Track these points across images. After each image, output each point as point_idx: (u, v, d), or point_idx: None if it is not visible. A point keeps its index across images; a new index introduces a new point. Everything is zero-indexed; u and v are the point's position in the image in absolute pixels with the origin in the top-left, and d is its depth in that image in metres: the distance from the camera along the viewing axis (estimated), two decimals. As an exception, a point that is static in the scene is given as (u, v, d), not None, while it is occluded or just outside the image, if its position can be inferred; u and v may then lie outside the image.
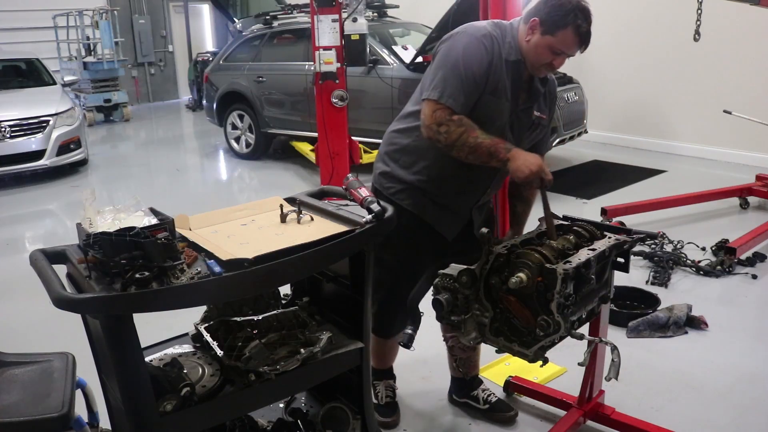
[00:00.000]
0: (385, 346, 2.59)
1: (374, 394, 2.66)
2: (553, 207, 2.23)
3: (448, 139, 2.05)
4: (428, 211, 2.28)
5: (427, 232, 2.30)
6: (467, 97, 2.06)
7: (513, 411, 2.65)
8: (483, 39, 2.07)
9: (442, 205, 2.27)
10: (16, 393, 1.94)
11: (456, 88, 2.04)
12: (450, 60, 2.07)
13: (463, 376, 2.70)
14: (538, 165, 2.00)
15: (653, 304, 3.52)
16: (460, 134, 2.04)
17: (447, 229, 2.31)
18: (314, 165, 6.38)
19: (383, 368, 2.72)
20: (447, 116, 2.05)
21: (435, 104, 2.06)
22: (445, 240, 2.32)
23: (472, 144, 2.03)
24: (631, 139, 7.68)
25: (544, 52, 2.06)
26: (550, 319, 1.81)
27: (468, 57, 2.05)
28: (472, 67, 2.04)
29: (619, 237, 2.10)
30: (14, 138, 6.89)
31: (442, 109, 2.05)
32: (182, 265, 1.64)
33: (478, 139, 2.03)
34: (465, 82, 2.04)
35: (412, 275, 2.25)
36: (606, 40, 7.77)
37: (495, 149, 2.03)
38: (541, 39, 2.04)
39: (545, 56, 2.06)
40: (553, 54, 2.06)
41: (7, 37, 10.80)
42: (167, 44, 14.00)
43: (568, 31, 2.01)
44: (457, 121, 2.04)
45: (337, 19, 5.45)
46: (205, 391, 1.79)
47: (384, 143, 2.37)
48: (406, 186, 2.27)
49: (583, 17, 2.02)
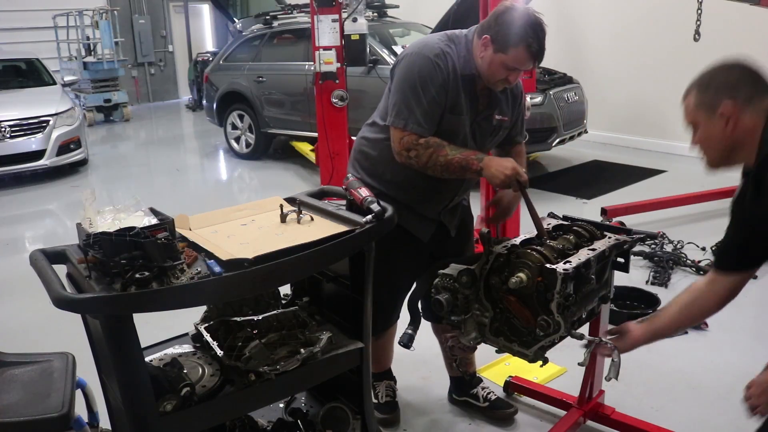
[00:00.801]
0: (377, 346, 2.58)
1: (374, 394, 2.67)
2: (554, 207, 2.23)
3: (419, 162, 2.11)
4: (399, 214, 2.28)
5: (400, 234, 2.28)
6: (431, 119, 2.09)
7: (512, 408, 2.66)
8: (436, 59, 2.08)
9: (411, 209, 2.29)
10: (16, 393, 1.94)
11: (418, 113, 2.08)
12: (408, 84, 2.09)
13: (462, 374, 2.71)
14: (512, 168, 2.02)
15: (653, 304, 3.52)
16: (429, 156, 2.08)
17: (419, 231, 2.32)
18: (314, 165, 6.38)
19: (381, 371, 2.73)
20: (414, 141, 2.09)
21: (401, 132, 2.11)
22: (419, 242, 2.33)
23: (443, 162, 2.08)
24: (631, 139, 7.68)
25: (498, 68, 2.05)
26: (550, 319, 1.81)
27: (424, 80, 2.07)
28: (430, 90, 2.07)
29: (619, 237, 2.10)
30: (14, 138, 6.89)
31: (408, 135, 2.10)
32: (182, 265, 1.64)
33: (448, 156, 2.07)
34: (426, 106, 2.07)
35: (387, 276, 2.24)
36: (606, 40, 7.80)
37: (467, 162, 2.07)
38: (494, 56, 2.04)
39: (500, 73, 2.06)
40: (507, 70, 2.05)
41: (7, 37, 10.80)
42: (167, 44, 14.00)
43: (520, 49, 2.00)
44: (424, 144, 2.09)
45: (337, 19, 5.44)
46: (205, 391, 1.79)
47: (354, 148, 2.40)
48: (375, 192, 2.27)
49: (534, 35, 1.99)
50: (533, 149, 6.19)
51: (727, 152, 1.69)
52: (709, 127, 1.68)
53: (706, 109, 1.67)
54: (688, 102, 1.73)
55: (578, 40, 7.94)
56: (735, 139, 1.65)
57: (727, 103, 1.62)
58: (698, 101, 1.69)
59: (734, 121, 1.64)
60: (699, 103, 1.69)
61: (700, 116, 1.69)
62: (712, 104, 1.66)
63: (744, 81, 1.65)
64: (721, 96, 1.64)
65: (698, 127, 1.71)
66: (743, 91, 1.63)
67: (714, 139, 1.68)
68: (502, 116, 2.25)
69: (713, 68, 1.72)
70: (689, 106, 1.73)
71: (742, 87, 1.64)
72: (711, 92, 1.67)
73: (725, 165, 1.76)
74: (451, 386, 2.79)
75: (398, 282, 2.36)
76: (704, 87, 1.69)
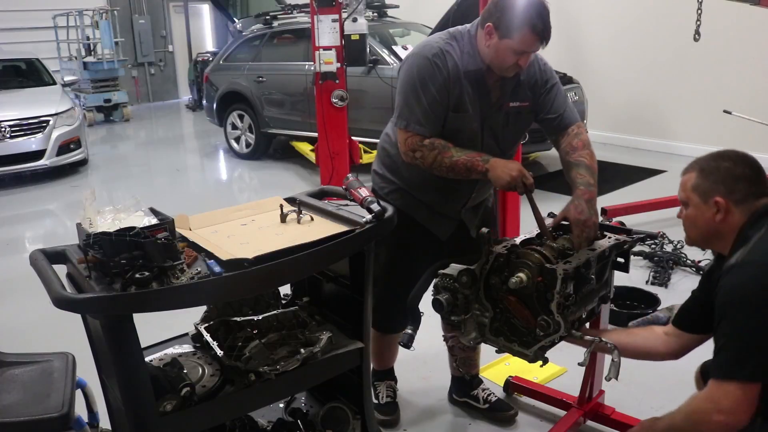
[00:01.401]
0: (383, 343, 2.59)
1: (375, 394, 2.67)
2: (553, 207, 2.23)
3: (425, 163, 2.12)
4: (419, 212, 2.31)
5: (420, 232, 2.32)
6: (433, 119, 2.09)
7: (513, 410, 2.66)
8: (434, 59, 2.07)
9: (430, 207, 2.30)
10: (16, 393, 1.94)
11: (420, 114, 2.08)
12: (409, 85, 2.10)
13: (463, 375, 2.70)
14: (517, 170, 2.02)
15: (653, 304, 3.52)
16: (434, 157, 2.09)
17: (438, 229, 2.33)
18: (314, 165, 6.38)
19: (383, 369, 2.72)
20: (418, 142, 2.10)
21: (405, 132, 2.12)
22: (439, 240, 2.33)
23: (447, 164, 2.09)
24: (631, 139, 7.68)
25: (505, 55, 2.02)
26: (550, 319, 1.81)
27: (423, 80, 2.07)
28: (430, 90, 2.07)
29: (619, 237, 2.10)
30: (14, 138, 6.89)
31: (412, 136, 2.10)
32: (182, 265, 1.64)
33: (453, 158, 2.08)
34: (427, 107, 2.07)
35: (407, 273, 2.27)
36: (606, 40, 7.80)
37: (472, 164, 2.07)
38: (500, 43, 2.01)
39: (508, 59, 2.03)
40: (516, 55, 2.02)
41: (7, 37, 10.79)
42: (167, 44, 14.00)
43: (525, 31, 1.96)
44: (428, 146, 2.09)
45: (337, 19, 5.45)
46: (205, 391, 1.79)
47: (379, 144, 2.41)
48: (397, 187, 2.32)
49: (537, 15, 1.96)
50: (533, 149, 6.20)
51: (708, 237, 1.76)
52: (699, 211, 1.73)
53: (700, 194, 1.72)
54: (686, 180, 1.77)
55: (578, 40, 7.94)
56: (719, 229, 1.71)
57: (722, 197, 1.68)
58: (696, 184, 1.73)
59: (724, 213, 1.69)
60: (696, 186, 1.73)
61: (693, 198, 1.74)
62: (707, 192, 1.71)
63: (744, 179, 1.69)
64: (719, 188, 1.69)
65: (688, 206, 1.76)
66: (740, 190, 1.68)
67: (700, 222, 1.74)
68: (521, 102, 2.19)
69: (719, 156, 1.74)
70: (686, 185, 1.77)
71: (741, 185, 1.68)
72: (710, 180, 1.71)
73: (703, 246, 1.87)
74: (452, 386, 2.79)
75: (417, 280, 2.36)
76: (705, 173, 1.72)
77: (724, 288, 1.60)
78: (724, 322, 1.58)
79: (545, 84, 2.21)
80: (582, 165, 2.10)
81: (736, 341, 1.56)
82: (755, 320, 1.52)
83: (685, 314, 1.94)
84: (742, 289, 1.56)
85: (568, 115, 2.21)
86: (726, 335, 1.57)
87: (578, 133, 2.19)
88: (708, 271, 1.88)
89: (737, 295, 1.56)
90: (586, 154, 2.13)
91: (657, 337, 1.99)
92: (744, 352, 1.54)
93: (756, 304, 1.53)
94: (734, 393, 1.53)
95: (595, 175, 2.10)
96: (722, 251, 1.74)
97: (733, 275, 1.59)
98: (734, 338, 1.56)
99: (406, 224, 2.26)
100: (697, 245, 1.84)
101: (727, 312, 1.57)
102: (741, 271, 1.58)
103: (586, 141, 2.17)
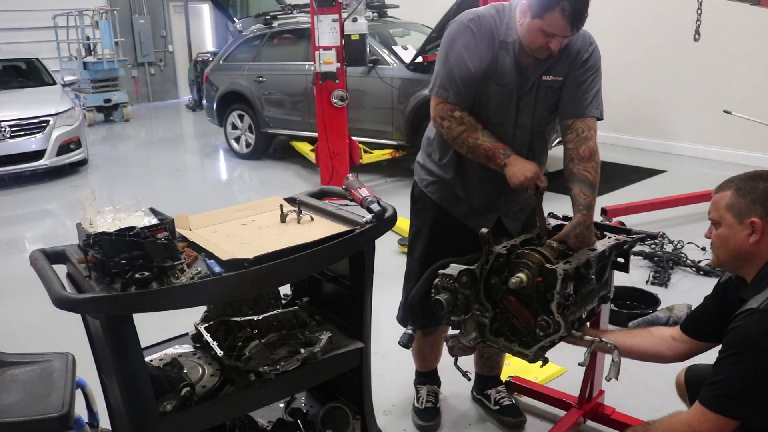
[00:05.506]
0: (425, 343, 2.55)
1: (415, 398, 2.65)
2: (553, 207, 2.23)
3: (450, 135, 2.11)
4: (456, 206, 2.29)
5: (455, 226, 2.29)
6: (464, 87, 2.06)
7: (522, 417, 2.61)
8: (470, 24, 2.06)
9: (468, 202, 2.27)
10: (16, 393, 1.94)
11: (452, 80, 2.07)
12: (443, 52, 2.10)
13: (483, 373, 2.70)
14: (534, 171, 2.01)
15: (653, 304, 3.52)
16: (460, 132, 2.08)
17: (474, 224, 2.26)
18: (314, 165, 6.38)
19: (426, 370, 2.68)
20: (449, 111, 2.09)
21: (437, 98, 2.12)
22: (475, 236, 2.29)
23: (471, 144, 2.08)
24: (631, 139, 7.68)
25: (536, 35, 2.00)
26: (550, 319, 1.81)
27: (457, 46, 2.06)
28: (462, 55, 2.05)
29: (619, 237, 2.10)
30: (14, 138, 6.89)
31: (443, 103, 2.10)
32: (182, 265, 1.64)
33: (478, 140, 2.07)
34: (459, 73, 2.06)
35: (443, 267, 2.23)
36: (606, 40, 7.78)
37: (493, 153, 2.06)
38: (532, 22, 1.99)
39: (538, 39, 2.00)
40: (546, 36, 1.99)
41: (7, 37, 10.78)
42: (167, 44, 13.99)
43: (555, 13, 1.93)
44: (458, 119, 2.08)
45: (337, 19, 5.44)
46: (205, 391, 1.79)
47: (424, 135, 2.41)
48: (436, 179, 2.30)
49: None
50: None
51: (738, 259, 1.69)
52: (732, 231, 1.67)
53: (735, 214, 1.66)
54: (720, 198, 1.70)
55: (578, 40, 7.94)
56: (751, 252, 1.65)
57: (759, 218, 1.62)
58: (730, 203, 1.67)
59: (759, 235, 1.62)
60: (731, 206, 1.67)
61: (727, 217, 1.68)
62: (743, 212, 1.64)
63: None
64: (756, 208, 1.63)
65: (720, 226, 1.70)
66: None
67: (732, 243, 1.68)
68: (555, 76, 2.13)
69: (757, 176, 1.68)
70: (719, 203, 1.70)
71: None
72: (747, 200, 1.65)
73: (731, 269, 1.76)
74: (474, 382, 2.76)
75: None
76: (743, 192, 1.66)
77: (744, 328, 1.56)
78: (733, 358, 1.56)
79: (584, 63, 2.14)
80: (586, 182, 2.07)
81: (738, 384, 1.54)
82: (764, 370, 1.51)
83: (695, 322, 1.94)
84: (763, 337, 1.52)
85: (589, 103, 2.13)
86: (730, 373, 1.55)
87: (588, 137, 2.12)
88: (723, 283, 1.84)
89: (755, 341, 1.53)
90: (591, 167, 2.09)
91: (663, 341, 1.98)
92: (742, 395, 1.54)
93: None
94: (717, 424, 1.55)
95: (596, 190, 2.09)
96: (747, 276, 1.68)
97: (755, 319, 1.55)
98: (738, 380, 1.54)
99: (442, 218, 2.28)
100: (725, 267, 1.77)
101: (742, 353, 1.54)
102: (764, 317, 1.54)
103: (593, 150, 2.11)
